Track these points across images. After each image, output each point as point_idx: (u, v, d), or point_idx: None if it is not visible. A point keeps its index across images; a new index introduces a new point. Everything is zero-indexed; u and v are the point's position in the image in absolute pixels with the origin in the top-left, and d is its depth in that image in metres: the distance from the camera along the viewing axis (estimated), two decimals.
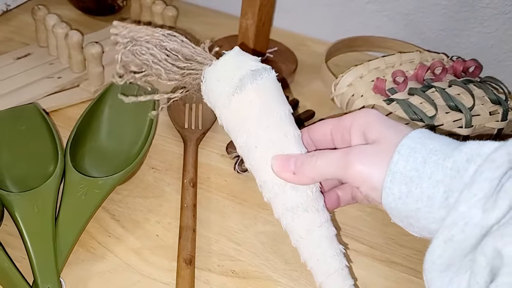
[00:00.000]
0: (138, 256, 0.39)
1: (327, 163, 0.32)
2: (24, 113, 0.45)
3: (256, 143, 0.34)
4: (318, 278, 0.34)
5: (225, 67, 0.34)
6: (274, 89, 0.34)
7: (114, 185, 0.41)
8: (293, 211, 0.34)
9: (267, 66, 0.34)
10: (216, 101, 0.35)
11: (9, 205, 0.38)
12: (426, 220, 0.28)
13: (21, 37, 0.63)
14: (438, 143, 0.29)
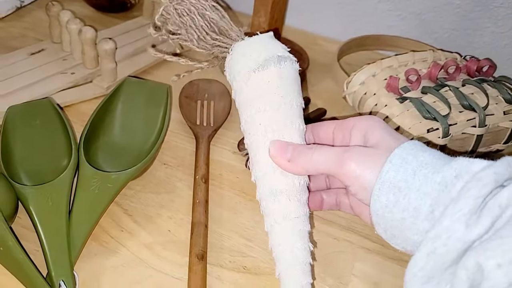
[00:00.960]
0: (150, 251, 0.39)
1: (323, 158, 0.32)
2: (38, 107, 0.46)
3: (262, 121, 0.35)
4: (279, 267, 0.35)
5: (254, 45, 0.35)
6: (293, 79, 0.35)
7: (126, 180, 0.41)
8: (276, 195, 0.34)
9: (293, 57, 0.35)
10: (237, 73, 0.35)
11: (23, 198, 0.38)
12: (410, 231, 0.29)
13: (35, 33, 0.63)
14: (429, 157, 0.29)
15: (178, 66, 0.62)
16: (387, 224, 0.30)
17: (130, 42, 0.61)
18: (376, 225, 0.31)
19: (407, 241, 0.30)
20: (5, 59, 0.54)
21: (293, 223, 0.34)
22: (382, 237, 0.32)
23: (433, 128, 0.45)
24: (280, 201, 0.34)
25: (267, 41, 0.35)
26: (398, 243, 0.31)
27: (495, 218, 0.25)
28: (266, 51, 0.35)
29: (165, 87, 0.49)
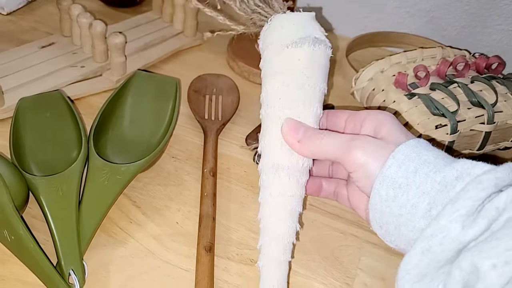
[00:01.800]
0: (159, 242, 0.40)
1: (331, 144, 0.32)
2: (49, 99, 0.46)
3: (282, 95, 0.35)
4: (263, 238, 0.35)
5: (295, 21, 0.35)
6: (323, 64, 0.35)
7: (135, 172, 0.41)
8: (277, 170, 0.35)
9: (328, 42, 0.36)
10: (270, 44, 0.36)
11: (34, 188, 0.38)
12: (406, 228, 0.29)
13: (45, 27, 0.64)
14: (432, 156, 0.29)
15: (188, 60, 0.63)
16: (384, 220, 0.30)
17: (140, 36, 0.61)
18: (372, 220, 0.31)
19: (401, 238, 0.30)
20: (16, 52, 0.55)
21: (287, 201, 0.35)
22: (377, 233, 0.32)
23: (442, 125, 0.45)
24: (280, 176, 0.34)
25: (308, 20, 0.35)
26: (392, 240, 0.31)
27: (491, 220, 0.25)
28: (304, 29, 0.35)
29: (174, 81, 0.50)
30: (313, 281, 0.39)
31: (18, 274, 0.36)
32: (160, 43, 0.62)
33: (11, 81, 0.50)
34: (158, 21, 0.65)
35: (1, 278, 0.35)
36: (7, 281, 0.35)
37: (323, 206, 0.45)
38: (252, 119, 0.54)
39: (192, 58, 0.63)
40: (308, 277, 0.39)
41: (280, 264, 0.35)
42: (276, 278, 0.34)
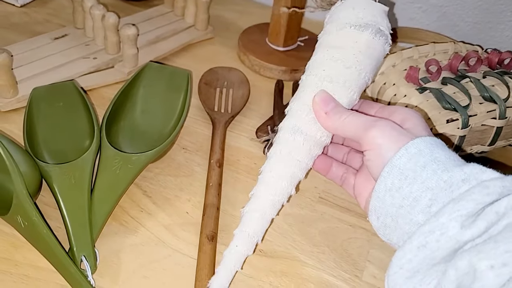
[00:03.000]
0: (169, 232, 0.40)
1: (355, 121, 0.33)
2: (62, 89, 0.46)
3: (327, 68, 0.35)
4: (258, 188, 0.36)
5: (367, 7, 0.36)
6: (377, 56, 0.36)
7: (147, 162, 0.42)
8: (296, 132, 0.35)
9: (390, 39, 0.36)
10: (336, 19, 0.36)
11: (47, 176, 0.39)
12: (403, 220, 0.29)
13: (58, 19, 0.64)
14: (444, 156, 0.29)
15: (199, 53, 0.63)
16: (383, 210, 0.30)
17: (151, 29, 0.62)
18: (371, 209, 0.32)
19: (396, 232, 0.30)
20: (30, 43, 0.55)
21: (293, 163, 0.36)
22: (372, 224, 0.32)
23: (453, 119, 0.45)
24: (295, 139, 0.35)
25: (379, 11, 0.36)
26: (386, 233, 0.31)
27: (490, 223, 0.25)
28: (373, 18, 0.35)
29: (185, 72, 0.50)
30: (323, 272, 0.39)
31: (31, 259, 0.36)
32: (172, 36, 0.62)
33: (25, 71, 0.51)
34: (169, 15, 0.66)
35: (15, 263, 0.36)
36: (20, 266, 0.36)
37: (332, 199, 0.45)
38: (262, 112, 0.54)
39: (203, 51, 0.63)
40: (318, 268, 0.39)
41: (263, 216, 0.35)
42: (253, 227, 0.35)
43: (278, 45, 0.62)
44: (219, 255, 0.38)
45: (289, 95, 0.56)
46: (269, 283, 0.37)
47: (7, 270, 0.35)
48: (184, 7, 0.64)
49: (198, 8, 0.63)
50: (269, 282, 0.37)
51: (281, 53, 0.62)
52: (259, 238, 0.35)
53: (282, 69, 0.60)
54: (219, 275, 0.34)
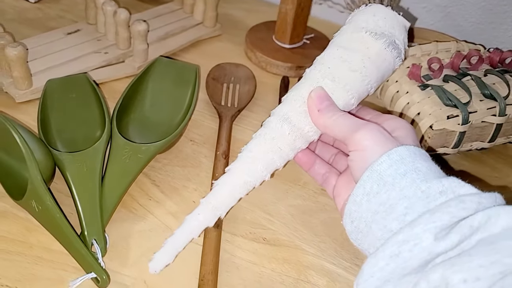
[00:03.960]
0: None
1: (344, 123, 0.33)
2: (75, 82, 0.48)
3: (332, 66, 0.35)
4: (235, 164, 0.36)
5: (387, 17, 0.35)
6: (385, 68, 0.36)
7: (155, 152, 0.43)
8: (285, 121, 0.35)
9: (403, 55, 0.36)
10: (354, 20, 0.36)
11: (60, 163, 0.40)
12: (377, 226, 0.29)
13: (71, 15, 0.66)
14: (426, 166, 0.30)
15: (207, 50, 0.64)
16: (358, 215, 0.30)
17: (161, 26, 0.63)
18: (346, 213, 0.31)
19: (368, 237, 0.30)
20: (44, 38, 0.57)
21: (274, 149, 0.35)
22: (345, 228, 0.32)
23: (453, 115, 0.46)
24: (282, 126, 0.35)
25: (399, 24, 0.36)
26: (358, 237, 0.31)
27: (463, 237, 0.25)
28: (391, 29, 0.35)
29: (194, 67, 0.51)
30: (323, 261, 0.40)
31: (45, 242, 0.38)
32: (181, 33, 0.64)
33: (39, 64, 0.53)
34: (179, 12, 0.67)
35: (29, 245, 0.37)
36: (34, 248, 0.37)
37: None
38: (268, 107, 0.55)
39: (211, 48, 0.65)
40: (318, 257, 0.40)
41: (232, 193, 0.35)
42: (219, 201, 0.35)
43: (284, 42, 0.63)
44: (224, 242, 0.40)
45: None
46: (271, 269, 0.39)
47: (22, 252, 0.37)
48: (193, 4, 0.66)
49: (206, 6, 0.65)
50: (271, 268, 0.39)
51: (287, 50, 0.63)
52: (222, 213, 0.36)
53: (288, 65, 0.61)
54: (176, 236, 0.35)
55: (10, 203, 0.40)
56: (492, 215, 0.25)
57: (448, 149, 0.49)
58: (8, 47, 0.46)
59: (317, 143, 0.39)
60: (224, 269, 0.38)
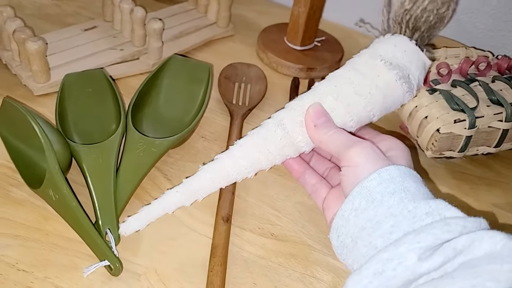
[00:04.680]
0: (186, 212, 0.43)
1: (339, 138, 0.33)
2: (92, 77, 0.50)
3: (339, 85, 0.35)
4: (223, 154, 0.37)
5: (408, 51, 0.35)
6: (392, 101, 0.35)
7: (168, 147, 0.45)
8: (279, 126, 0.35)
9: (414, 91, 0.36)
10: (373, 45, 0.36)
11: (77, 155, 0.42)
12: (362, 242, 0.29)
13: (88, 12, 0.68)
14: (415, 187, 0.30)
15: (219, 49, 0.66)
16: (345, 230, 0.31)
17: (176, 25, 0.65)
18: (333, 227, 0.32)
19: (352, 253, 0.30)
20: (62, 34, 0.59)
21: (262, 150, 0.36)
22: (332, 243, 0.32)
23: (460, 119, 0.47)
24: (276, 131, 0.35)
25: (418, 61, 0.35)
26: (343, 253, 0.31)
27: (446, 259, 0.26)
28: (408, 63, 0.35)
29: (207, 66, 0.53)
30: (329, 257, 0.41)
31: (60, 230, 0.39)
32: (194, 32, 0.65)
33: (57, 59, 0.54)
34: (193, 12, 0.69)
35: (45, 233, 0.39)
36: (50, 236, 0.39)
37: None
38: (278, 106, 0.56)
39: (223, 47, 0.66)
40: (324, 253, 0.41)
41: (213, 181, 0.36)
42: (200, 186, 0.36)
43: (295, 44, 0.65)
44: (233, 236, 0.41)
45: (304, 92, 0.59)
46: (278, 263, 0.40)
47: (39, 239, 0.38)
48: (207, 5, 0.67)
49: (220, 6, 0.66)
50: (278, 263, 0.40)
51: (298, 52, 0.64)
52: (199, 197, 0.37)
53: (298, 67, 0.62)
54: (152, 206, 0.37)
55: (28, 191, 0.41)
56: (476, 239, 0.25)
57: (454, 153, 0.50)
58: (29, 41, 0.48)
59: (312, 155, 0.39)
60: (232, 262, 0.39)
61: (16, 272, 0.36)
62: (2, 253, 0.37)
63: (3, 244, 0.37)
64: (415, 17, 0.37)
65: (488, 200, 0.50)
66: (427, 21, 0.37)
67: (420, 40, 0.38)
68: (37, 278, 0.36)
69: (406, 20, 0.37)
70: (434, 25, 0.37)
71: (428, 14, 0.37)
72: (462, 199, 0.49)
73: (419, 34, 0.37)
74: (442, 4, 0.37)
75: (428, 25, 0.37)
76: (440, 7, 0.37)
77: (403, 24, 0.37)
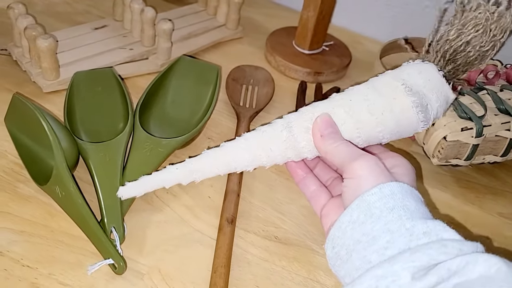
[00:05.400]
0: (191, 213, 0.43)
1: (345, 150, 0.33)
2: (101, 75, 0.50)
3: (354, 100, 0.35)
4: (227, 144, 0.37)
5: (432, 80, 0.34)
6: (405, 126, 0.35)
7: (175, 147, 0.45)
8: (286, 128, 0.35)
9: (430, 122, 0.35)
10: (401, 69, 0.35)
11: (84, 153, 0.42)
12: (357, 255, 0.29)
13: (98, 11, 0.68)
14: (415, 206, 0.30)
15: (228, 51, 0.66)
16: (341, 241, 0.31)
17: (185, 26, 0.65)
18: (329, 238, 0.32)
19: (346, 265, 0.30)
20: (72, 31, 0.59)
21: (265, 147, 0.36)
22: (326, 253, 0.32)
23: (467, 127, 0.47)
24: (282, 131, 0.35)
25: (441, 93, 0.34)
26: (337, 264, 0.31)
27: (440, 279, 0.25)
28: (429, 92, 0.34)
29: (216, 67, 0.53)
30: None
31: (66, 227, 0.39)
32: (203, 34, 0.66)
33: (66, 56, 0.55)
34: (202, 13, 0.69)
35: (51, 229, 0.39)
36: (55, 232, 0.39)
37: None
38: (285, 109, 0.57)
39: (232, 50, 0.67)
40: None
41: (213, 166, 0.36)
42: (199, 168, 0.37)
43: (304, 48, 0.65)
44: (237, 238, 0.41)
45: (311, 96, 0.59)
46: (281, 267, 0.40)
47: (44, 235, 0.39)
48: (217, 6, 0.68)
49: (230, 8, 0.66)
50: (281, 266, 0.40)
51: (306, 56, 0.65)
52: (197, 178, 0.37)
53: (306, 71, 0.62)
54: (151, 177, 0.37)
55: (34, 188, 0.41)
56: (471, 261, 0.25)
57: (461, 161, 0.50)
58: (40, 38, 0.48)
59: (318, 162, 0.39)
60: (236, 263, 0.39)
61: (21, 268, 0.36)
62: (7, 248, 0.37)
63: (9, 240, 0.38)
64: (455, 48, 0.36)
65: (494, 209, 0.50)
66: (467, 55, 0.36)
67: (453, 73, 0.37)
68: (42, 274, 0.36)
69: (444, 49, 0.36)
70: (473, 61, 0.36)
71: (470, 49, 0.36)
72: (467, 208, 0.49)
73: (452, 66, 0.37)
74: (488, 43, 0.36)
75: (466, 59, 0.36)
76: (485, 45, 0.36)
77: (439, 53, 0.37)
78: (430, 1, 0.70)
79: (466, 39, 0.36)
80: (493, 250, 0.28)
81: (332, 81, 0.64)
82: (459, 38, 0.36)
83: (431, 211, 0.31)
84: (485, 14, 0.35)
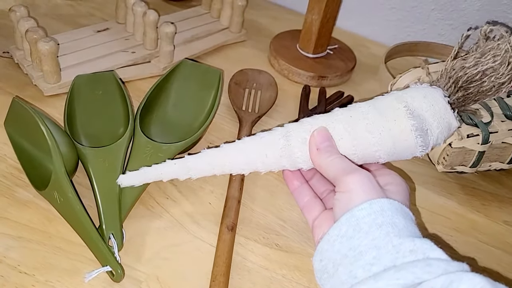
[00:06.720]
0: (191, 219, 0.42)
1: (339, 164, 0.33)
2: (102, 79, 0.49)
3: (354, 117, 0.35)
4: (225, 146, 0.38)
5: (435, 105, 0.34)
6: (402, 149, 0.34)
7: (176, 152, 0.44)
8: (283, 137, 0.36)
9: (429, 147, 0.35)
10: (407, 90, 0.35)
11: (83, 157, 0.42)
12: (343, 270, 0.29)
13: (101, 13, 0.68)
14: (403, 224, 0.30)
15: (231, 55, 0.66)
16: (328, 254, 0.31)
17: (188, 29, 0.65)
18: (318, 251, 0.32)
19: (332, 279, 0.30)
20: (74, 34, 0.59)
21: (261, 153, 0.36)
22: (313, 266, 0.32)
23: (473, 134, 0.46)
24: (279, 140, 0.36)
25: (443, 120, 0.34)
26: (323, 277, 0.31)
27: None
28: (430, 117, 0.33)
29: (218, 71, 0.52)
30: None
31: (63, 233, 0.39)
32: (206, 37, 0.65)
33: (68, 59, 0.54)
34: (206, 16, 0.69)
35: (49, 235, 0.39)
36: (53, 238, 0.38)
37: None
38: (288, 114, 0.56)
39: (235, 53, 0.66)
40: None
41: (209, 165, 0.38)
42: (196, 165, 0.38)
43: (308, 51, 0.64)
44: (237, 245, 0.41)
45: (315, 100, 0.58)
46: (282, 275, 0.39)
47: (41, 241, 0.38)
48: (221, 9, 0.67)
49: (233, 11, 0.66)
50: (282, 274, 0.39)
51: (310, 60, 0.64)
52: (193, 175, 0.38)
53: (310, 75, 0.62)
54: (151, 169, 0.39)
55: (33, 193, 0.41)
56: (455, 280, 0.25)
57: (466, 168, 0.49)
58: (41, 41, 0.48)
59: (315, 173, 0.39)
60: (235, 272, 0.39)
61: (18, 274, 0.36)
62: (4, 254, 0.37)
63: (6, 246, 0.37)
64: (469, 76, 0.35)
65: (499, 217, 0.49)
66: (480, 85, 0.35)
67: (462, 101, 0.36)
68: (38, 281, 0.35)
69: (458, 76, 0.36)
70: (486, 92, 0.36)
71: (485, 79, 0.35)
72: (473, 215, 0.48)
73: (462, 94, 0.36)
74: (505, 75, 0.35)
75: (478, 89, 0.36)
76: (501, 76, 0.35)
77: (452, 79, 0.36)
78: (436, 4, 0.69)
79: (482, 68, 0.35)
80: (480, 270, 0.28)
81: (336, 85, 0.63)
82: (475, 66, 0.35)
83: (435, 219, 0.31)
84: (505, 45, 0.34)
